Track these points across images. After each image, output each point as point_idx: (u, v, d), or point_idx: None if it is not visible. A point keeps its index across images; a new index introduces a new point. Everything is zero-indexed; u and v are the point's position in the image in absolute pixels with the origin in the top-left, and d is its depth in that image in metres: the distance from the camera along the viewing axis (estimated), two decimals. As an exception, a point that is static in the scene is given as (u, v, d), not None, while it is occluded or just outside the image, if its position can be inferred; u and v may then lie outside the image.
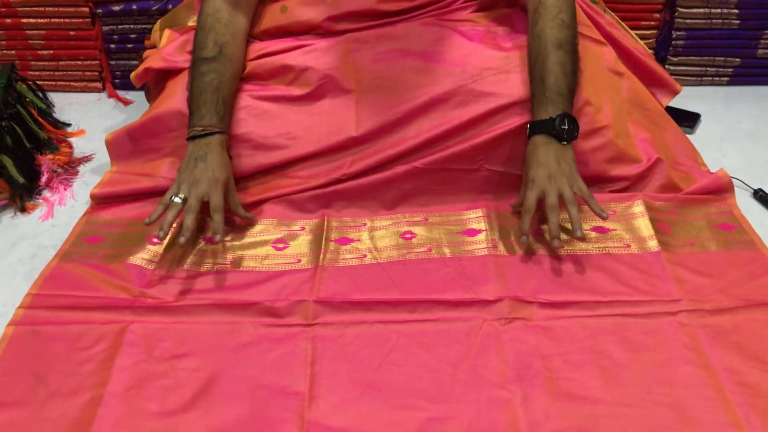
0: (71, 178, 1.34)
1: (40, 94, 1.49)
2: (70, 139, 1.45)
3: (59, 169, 1.34)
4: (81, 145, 1.43)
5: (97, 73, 1.64)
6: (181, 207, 1.06)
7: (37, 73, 1.62)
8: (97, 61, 1.62)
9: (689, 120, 1.46)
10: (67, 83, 1.64)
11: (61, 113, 1.54)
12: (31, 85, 1.47)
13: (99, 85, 1.65)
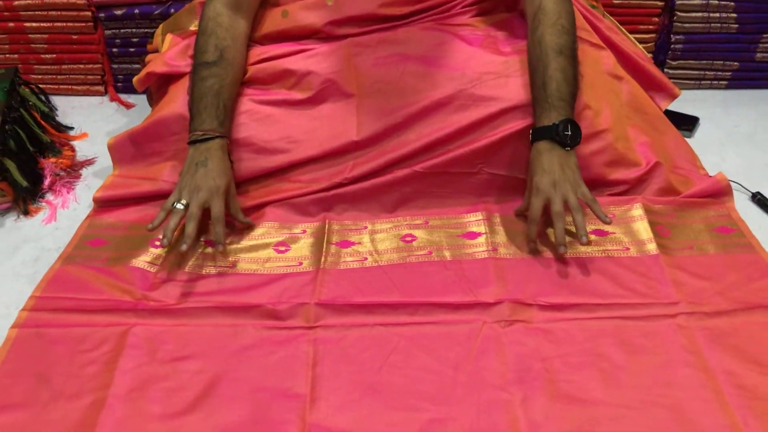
0: (74, 182, 1.34)
1: (43, 98, 1.49)
2: (73, 143, 1.45)
3: (62, 173, 1.34)
4: (83, 149, 1.43)
5: (99, 77, 1.64)
6: (183, 213, 1.06)
7: (40, 76, 1.62)
8: (100, 65, 1.63)
9: (688, 123, 1.47)
10: (70, 87, 1.65)
11: (63, 117, 1.54)
12: (34, 89, 1.47)
13: (101, 88, 1.65)
